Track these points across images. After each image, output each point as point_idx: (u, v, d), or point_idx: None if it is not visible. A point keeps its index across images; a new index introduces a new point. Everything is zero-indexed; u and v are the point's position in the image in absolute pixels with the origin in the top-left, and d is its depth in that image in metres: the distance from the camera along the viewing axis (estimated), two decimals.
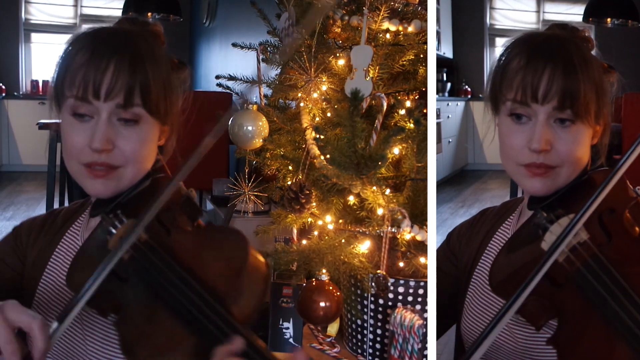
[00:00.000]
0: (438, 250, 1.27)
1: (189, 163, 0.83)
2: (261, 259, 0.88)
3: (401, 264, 1.50)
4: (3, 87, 7.12)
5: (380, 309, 1.50)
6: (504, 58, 1.02)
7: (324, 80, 1.65)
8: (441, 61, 7.07)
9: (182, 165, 0.84)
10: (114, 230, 0.91)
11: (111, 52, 0.93)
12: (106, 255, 0.86)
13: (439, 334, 1.23)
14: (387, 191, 1.48)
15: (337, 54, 1.67)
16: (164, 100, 0.97)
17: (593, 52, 1.05)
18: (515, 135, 0.99)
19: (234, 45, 1.95)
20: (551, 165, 0.98)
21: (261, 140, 1.72)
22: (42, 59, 7.59)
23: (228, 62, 5.11)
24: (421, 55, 1.58)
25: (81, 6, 7.64)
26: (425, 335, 1.35)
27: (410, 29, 1.58)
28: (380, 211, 1.44)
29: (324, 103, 1.68)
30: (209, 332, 0.80)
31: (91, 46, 0.94)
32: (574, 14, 6.77)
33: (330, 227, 1.57)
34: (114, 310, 0.88)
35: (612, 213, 0.92)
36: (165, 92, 0.98)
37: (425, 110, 1.52)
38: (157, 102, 0.96)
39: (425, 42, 1.58)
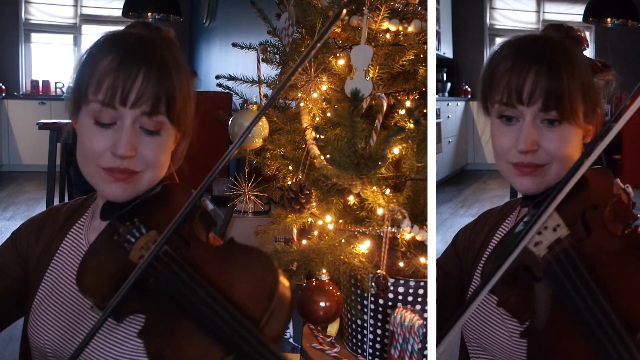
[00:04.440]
0: (445, 253, 1.28)
1: (209, 178, 0.85)
2: (287, 282, 0.87)
3: (401, 264, 1.50)
4: (3, 87, 7.12)
5: (380, 309, 1.50)
6: (492, 60, 1.04)
7: (324, 80, 1.65)
8: (441, 61, 7.08)
9: (205, 181, 0.85)
10: (132, 240, 0.91)
11: (140, 60, 0.93)
12: (121, 261, 0.88)
13: (440, 327, 1.24)
14: (387, 191, 1.48)
15: (337, 54, 1.66)
16: (184, 109, 0.99)
17: (587, 52, 1.06)
18: (504, 136, 1.01)
19: (234, 45, 1.95)
20: (539, 164, 0.99)
21: (261, 140, 1.72)
22: (42, 59, 7.60)
23: (228, 62, 5.11)
24: (421, 55, 1.58)
25: (81, 6, 7.65)
26: (425, 335, 1.35)
27: (410, 29, 1.58)
28: (380, 211, 1.44)
29: (324, 103, 1.68)
30: (244, 352, 0.79)
31: (119, 52, 0.94)
32: (574, 14, 6.77)
33: (330, 227, 1.57)
34: (129, 315, 0.89)
35: (596, 209, 0.94)
36: (185, 101, 0.99)
37: (425, 110, 1.52)
38: (179, 112, 0.97)
39: (425, 42, 1.58)
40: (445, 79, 7.30)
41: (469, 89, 7.44)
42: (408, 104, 1.58)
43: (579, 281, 0.88)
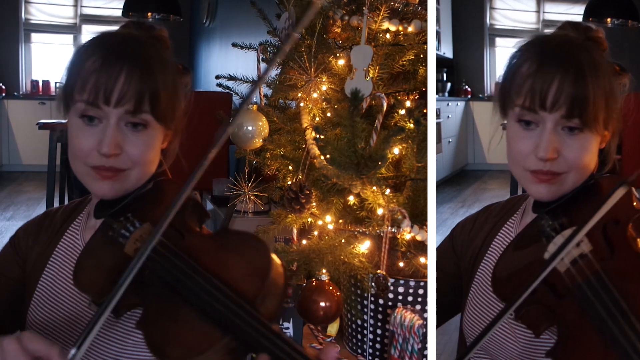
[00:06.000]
0: (440, 247, 1.26)
1: (198, 170, 0.85)
2: (279, 261, 0.90)
3: (401, 264, 1.50)
4: (3, 87, 7.12)
5: (380, 309, 1.50)
6: (515, 61, 1.01)
7: (324, 80, 1.65)
8: (441, 61, 7.08)
9: (193, 172, 0.86)
10: (127, 234, 0.93)
11: (123, 59, 0.95)
12: (117, 255, 0.90)
13: (437, 325, 1.23)
14: (387, 191, 1.48)
15: (337, 54, 1.66)
16: (170, 107, 1.00)
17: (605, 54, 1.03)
18: (523, 141, 0.98)
19: (234, 45, 1.95)
20: (558, 172, 0.97)
21: (261, 140, 1.71)
22: (42, 59, 7.59)
23: (228, 62, 5.10)
24: (421, 55, 1.58)
25: (81, 6, 7.64)
26: (425, 335, 1.35)
27: (410, 29, 1.58)
28: (380, 211, 1.44)
29: (324, 103, 1.68)
30: (242, 331, 0.81)
31: (102, 52, 0.96)
32: (574, 14, 6.76)
33: (330, 227, 1.57)
34: (127, 309, 0.89)
35: (617, 225, 0.91)
36: (171, 99, 1.00)
37: (425, 110, 1.52)
38: (164, 109, 0.98)
39: (425, 42, 1.58)
40: (445, 79, 7.30)
41: (469, 89, 7.44)
42: (408, 104, 1.58)
43: (609, 301, 0.85)
